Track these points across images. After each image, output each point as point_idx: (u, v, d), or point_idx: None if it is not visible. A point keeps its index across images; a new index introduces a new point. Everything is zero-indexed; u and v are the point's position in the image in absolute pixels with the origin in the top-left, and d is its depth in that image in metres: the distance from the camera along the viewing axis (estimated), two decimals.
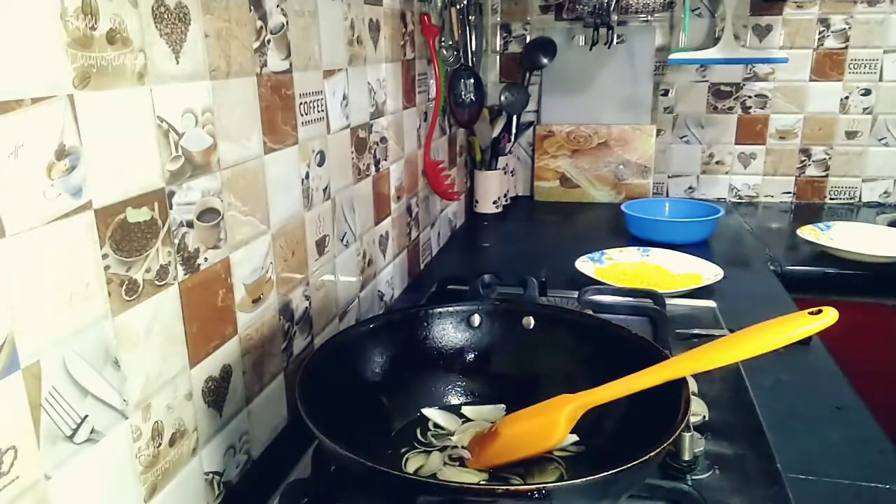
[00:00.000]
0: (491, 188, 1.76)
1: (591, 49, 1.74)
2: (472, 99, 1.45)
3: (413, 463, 0.69)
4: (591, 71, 1.82)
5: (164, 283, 0.57)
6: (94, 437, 0.50)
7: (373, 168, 1.04)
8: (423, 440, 0.72)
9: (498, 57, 1.89)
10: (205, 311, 0.63)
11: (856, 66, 1.73)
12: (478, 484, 0.63)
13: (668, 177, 1.90)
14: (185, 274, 0.60)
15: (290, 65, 0.76)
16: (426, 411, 0.76)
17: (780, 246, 1.49)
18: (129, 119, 0.51)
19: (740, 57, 1.69)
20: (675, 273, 1.27)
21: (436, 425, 0.75)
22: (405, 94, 1.17)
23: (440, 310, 0.80)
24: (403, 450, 0.71)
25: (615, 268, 1.30)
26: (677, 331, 1.01)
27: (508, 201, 1.86)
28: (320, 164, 0.86)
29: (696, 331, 1.02)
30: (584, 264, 1.28)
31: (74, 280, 0.47)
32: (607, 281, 1.20)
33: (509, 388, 0.78)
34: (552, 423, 0.63)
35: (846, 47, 1.72)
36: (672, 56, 1.68)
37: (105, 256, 0.49)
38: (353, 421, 0.66)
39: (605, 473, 0.49)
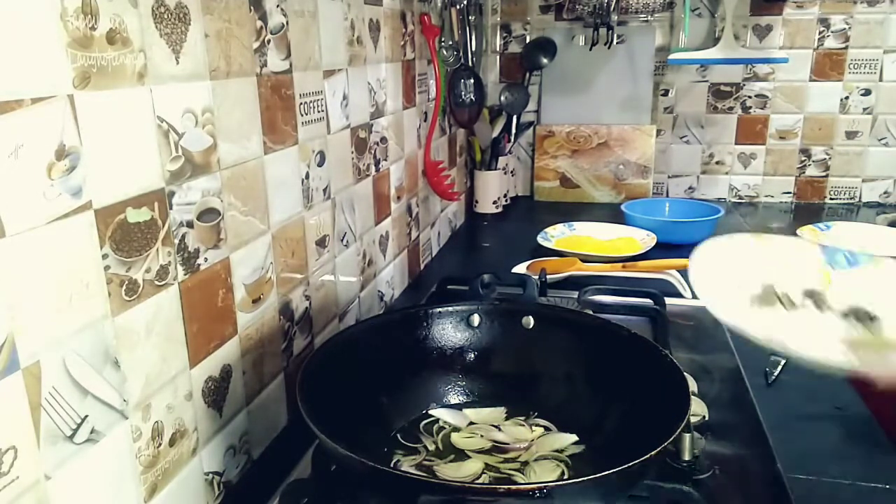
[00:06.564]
0: (491, 188, 1.76)
1: (591, 49, 1.73)
2: (472, 99, 1.45)
3: (412, 462, 0.69)
4: (591, 71, 1.82)
5: (164, 283, 0.57)
6: (95, 438, 0.50)
7: (373, 168, 1.04)
8: (422, 440, 0.72)
9: (498, 57, 1.89)
10: (205, 311, 0.63)
11: (856, 66, 1.73)
12: (479, 483, 0.63)
13: (668, 177, 1.90)
14: (185, 274, 0.60)
15: (290, 65, 0.76)
16: (434, 410, 0.77)
17: None
18: (129, 119, 0.51)
19: (740, 57, 1.68)
20: (604, 241, 1.42)
21: (445, 423, 0.75)
22: (405, 94, 1.17)
23: (440, 310, 0.80)
24: (403, 450, 0.71)
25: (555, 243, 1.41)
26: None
27: (508, 201, 1.86)
28: (320, 164, 0.86)
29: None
30: (545, 242, 1.39)
31: (74, 280, 0.47)
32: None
33: (509, 387, 0.78)
34: None
35: (846, 47, 1.72)
36: (672, 56, 1.68)
37: (105, 256, 0.49)
38: (353, 421, 0.66)
39: (606, 473, 0.49)
